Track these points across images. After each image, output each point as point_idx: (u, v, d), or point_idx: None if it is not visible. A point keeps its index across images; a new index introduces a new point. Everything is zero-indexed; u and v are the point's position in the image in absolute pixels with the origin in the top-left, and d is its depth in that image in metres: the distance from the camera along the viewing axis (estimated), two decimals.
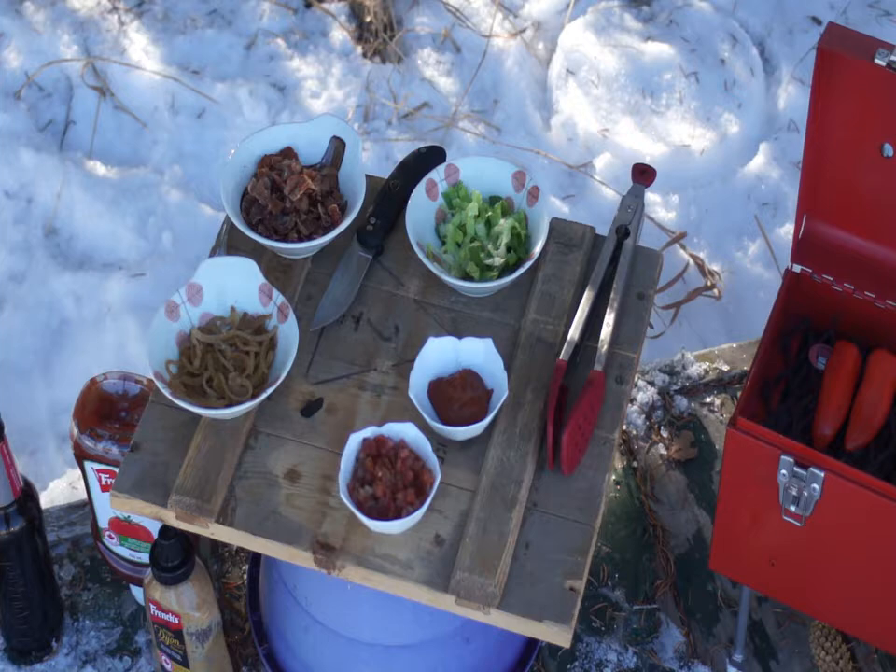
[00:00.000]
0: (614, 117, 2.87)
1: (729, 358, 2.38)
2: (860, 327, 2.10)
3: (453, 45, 2.98)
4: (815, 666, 2.06)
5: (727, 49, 2.99)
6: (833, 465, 1.84)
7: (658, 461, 2.26)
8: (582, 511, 1.87)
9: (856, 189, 2.05)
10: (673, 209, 2.75)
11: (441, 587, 1.79)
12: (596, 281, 2.11)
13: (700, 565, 2.15)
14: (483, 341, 1.98)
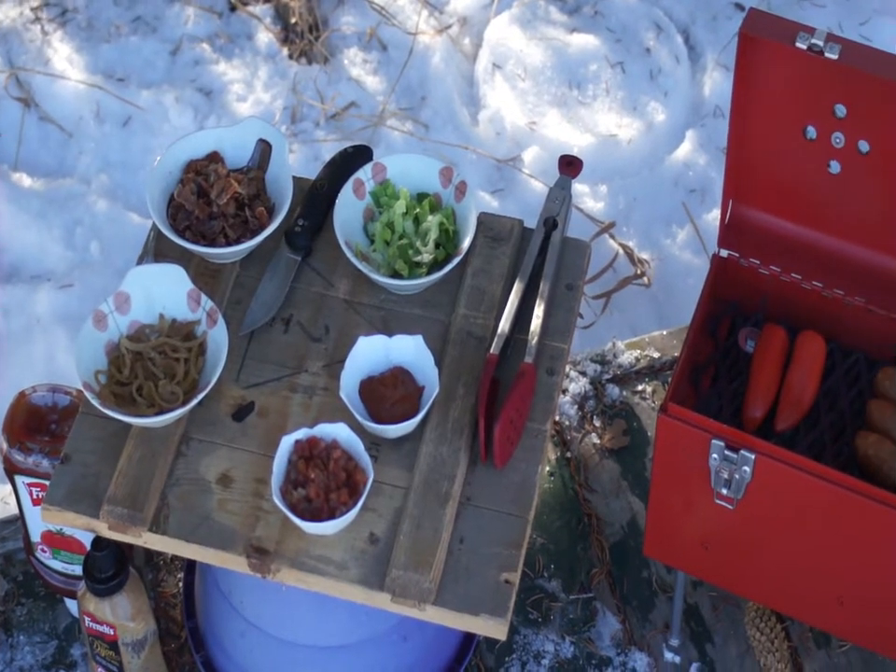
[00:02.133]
0: (541, 109, 2.88)
1: (660, 345, 2.39)
2: (787, 309, 2.12)
3: (379, 43, 2.98)
4: (750, 648, 2.08)
5: (652, 37, 3.01)
6: (763, 447, 1.86)
7: (591, 450, 2.27)
8: (516, 503, 1.87)
9: (781, 172, 2.06)
10: (602, 199, 2.76)
11: (377, 586, 1.80)
12: (525, 273, 2.12)
13: (635, 552, 2.16)
14: (413, 338, 1.98)
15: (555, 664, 2.07)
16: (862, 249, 2.07)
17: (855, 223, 2.06)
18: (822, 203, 2.07)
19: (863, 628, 1.91)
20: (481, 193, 2.73)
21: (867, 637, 1.94)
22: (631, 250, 2.62)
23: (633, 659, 2.09)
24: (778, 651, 2.06)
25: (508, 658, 2.07)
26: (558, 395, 2.01)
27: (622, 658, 2.08)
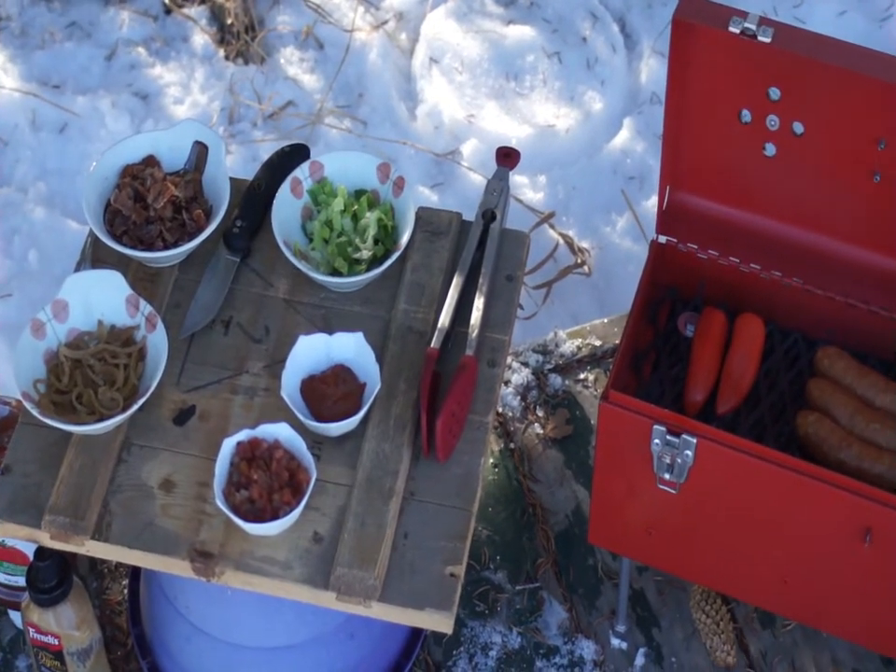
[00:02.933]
0: (479, 102, 2.88)
1: (601, 333, 2.40)
2: (726, 292, 2.13)
3: (315, 42, 2.97)
4: (696, 630, 2.09)
5: (588, 27, 3.01)
6: (704, 430, 1.87)
7: (535, 441, 2.28)
8: (460, 496, 1.88)
9: (717, 156, 2.07)
10: (541, 189, 2.76)
11: (322, 584, 1.80)
12: (465, 267, 2.12)
13: (580, 540, 2.17)
14: (353, 335, 1.98)
15: (503, 655, 2.08)
16: (799, 230, 2.08)
17: (791, 204, 2.07)
18: (758, 185, 2.08)
19: (807, 607, 1.93)
20: (420, 188, 2.73)
21: (811, 615, 1.95)
22: (571, 239, 2.63)
23: (580, 647, 2.09)
24: (724, 632, 2.08)
25: (455, 651, 2.08)
26: (499, 386, 2.02)
27: (569, 646, 2.09)
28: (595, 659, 2.07)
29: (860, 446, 1.95)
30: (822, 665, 2.07)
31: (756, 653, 2.08)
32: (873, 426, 1.97)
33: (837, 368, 2.04)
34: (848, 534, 1.81)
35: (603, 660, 2.07)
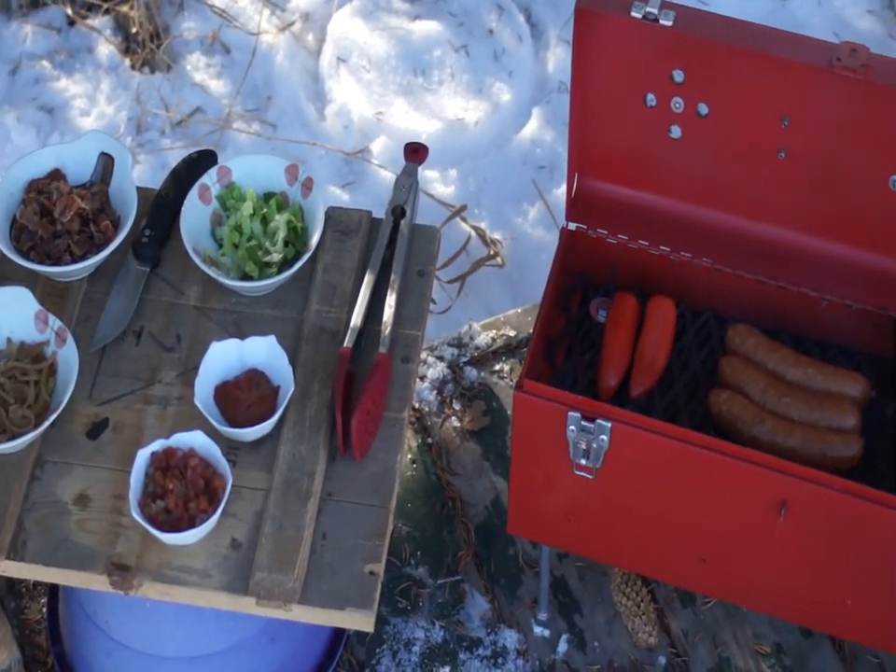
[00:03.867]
0: (388, 99, 2.88)
1: (515, 324, 2.41)
2: (637, 276, 2.14)
3: (222, 46, 2.96)
4: (618, 613, 2.10)
5: (494, 19, 3.02)
6: (618, 414, 1.88)
7: (452, 434, 2.28)
8: (377, 494, 1.88)
9: (623, 141, 2.08)
10: (452, 183, 2.77)
11: (241, 590, 1.79)
12: (376, 264, 2.12)
13: (500, 531, 2.18)
14: (265, 339, 1.98)
15: (426, 650, 2.08)
16: (707, 210, 2.10)
17: (698, 185, 2.09)
18: (665, 168, 2.09)
19: (726, 583, 1.94)
20: (331, 188, 2.72)
21: (730, 591, 1.97)
22: (483, 232, 2.63)
23: (503, 637, 2.10)
24: (645, 613, 2.09)
25: (378, 649, 2.08)
26: (414, 382, 2.02)
27: (492, 637, 2.10)
28: (518, 648, 2.08)
29: (772, 421, 1.96)
30: (743, 640, 2.09)
31: (677, 632, 2.09)
32: (785, 400, 1.99)
33: (748, 345, 2.05)
34: (764, 508, 1.83)
35: (526, 649, 2.07)
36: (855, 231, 2.06)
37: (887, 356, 2.07)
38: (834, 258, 2.07)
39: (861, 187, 2.02)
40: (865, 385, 2.01)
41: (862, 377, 2.01)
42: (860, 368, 2.06)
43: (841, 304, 2.07)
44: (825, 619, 1.91)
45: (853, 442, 1.94)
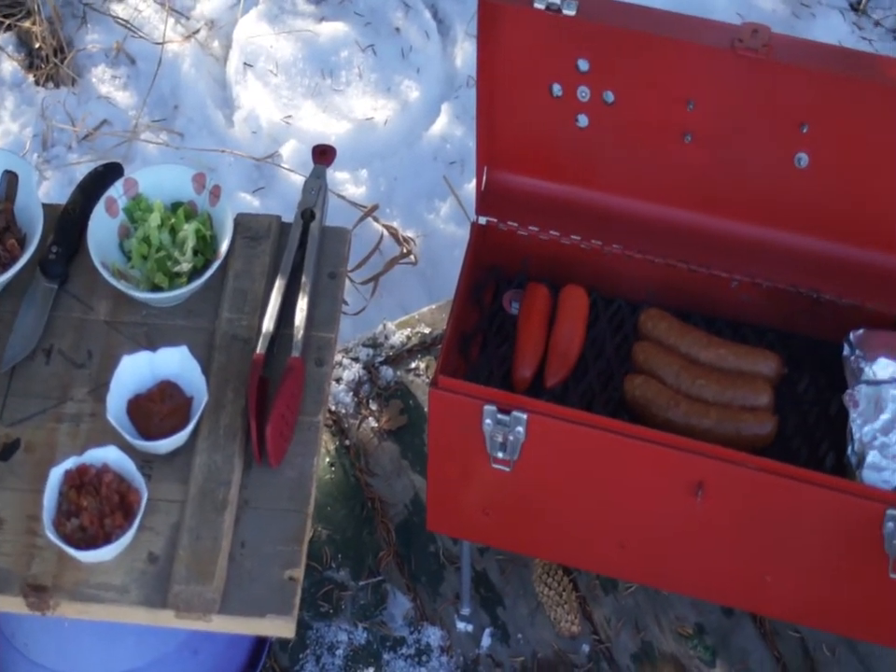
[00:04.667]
0: (296, 103, 2.87)
1: (430, 321, 2.40)
2: (549, 266, 2.15)
3: (127, 58, 2.93)
4: (540, 604, 2.11)
5: (401, 17, 3.01)
6: (533, 405, 1.88)
7: (370, 435, 2.28)
8: (294, 499, 1.87)
9: (531, 132, 2.09)
10: (363, 183, 2.76)
11: (159, 604, 1.78)
12: (287, 268, 2.12)
13: (420, 529, 2.18)
14: (177, 349, 1.97)
15: (350, 652, 2.07)
16: (616, 198, 2.10)
17: (607, 173, 2.10)
18: (574, 157, 2.10)
19: (646, 567, 1.95)
20: (242, 194, 2.71)
21: (650, 575, 1.97)
22: (396, 230, 2.63)
23: (426, 635, 2.10)
24: (567, 602, 2.09)
25: (302, 655, 2.07)
26: (329, 385, 2.01)
27: (415, 636, 2.09)
28: (442, 645, 2.08)
29: (687, 404, 1.97)
30: (665, 623, 2.10)
31: (600, 620, 2.10)
32: (698, 382, 2.00)
33: (660, 329, 2.06)
34: (681, 491, 1.84)
35: (449, 645, 2.07)
36: (762, 210, 2.07)
37: (798, 332, 2.09)
38: (743, 238, 2.09)
39: (766, 166, 2.04)
40: (777, 362, 2.02)
41: (774, 355, 2.03)
42: (772, 346, 2.07)
43: (751, 284, 2.09)
44: (745, 597, 1.92)
45: (767, 420, 1.95)
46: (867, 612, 1.86)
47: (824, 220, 2.05)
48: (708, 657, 2.08)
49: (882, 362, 1.96)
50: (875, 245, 2.04)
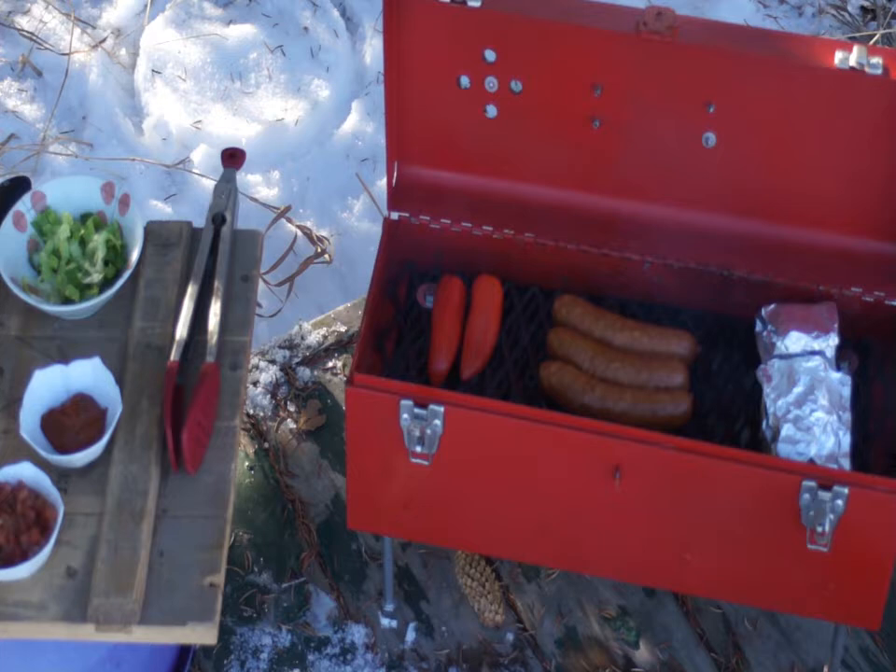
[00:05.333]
0: (206, 107, 2.86)
1: (346, 319, 2.40)
2: (463, 258, 2.15)
3: (33, 70, 2.90)
4: (464, 596, 2.11)
5: (309, 16, 3.01)
6: (449, 397, 1.88)
7: (289, 436, 2.27)
8: (212, 504, 1.87)
9: (440, 125, 2.09)
10: (276, 185, 2.75)
11: (79, 619, 1.77)
12: (199, 274, 2.11)
13: (341, 528, 2.17)
14: (90, 361, 1.96)
15: (274, 655, 2.07)
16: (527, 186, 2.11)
17: (516, 162, 2.10)
18: (484, 148, 2.10)
19: (567, 553, 1.96)
20: (154, 202, 2.70)
21: (572, 560, 1.98)
22: (309, 230, 2.62)
23: (350, 633, 2.09)
24: (490, 592, 2.10)
25: (226, 660, 2.06)
26: (244, 388, 2.00)
27: (339, 635, 2.09)
28: (367, 642, 2.07)
29: (602, 388, 1.98)
30: (589, 607, 2.11)
31: (524, 607, 2.11)
32: (613, 365, 2.00)
33: (574, 314, 2.07)
34: (599, 475, 1.84)
35: (374, 642, 2.07)
36: (672, 191, 2.08)
37: (711, 310, 2.10)
38: (654, 219, 2.10)
39: (675, 147, 2.05)
40: (691, 342, 2.03)
41: (688, 334, 2.04)
42: (685, 325, 2.08)
43: (663, 265, 2.10)
44: (667, 576, 1.93)
45: (682, 400, 1.96)
46: (786, 585, 1.87)
47: (733, 198, 2.07)
48: (632, 638, 2.09)
49: (794, 336, 1.98)
50: (783, 221, 2.06)
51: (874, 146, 1.95)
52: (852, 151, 1.97)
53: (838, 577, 1.84)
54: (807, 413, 1.90)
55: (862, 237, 2.04)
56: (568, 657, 2.08)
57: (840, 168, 1.99)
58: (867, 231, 2.03)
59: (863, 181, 1.99)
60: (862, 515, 1.78)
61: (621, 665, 2.06)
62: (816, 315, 2.00)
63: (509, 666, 2.06)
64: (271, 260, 2.53)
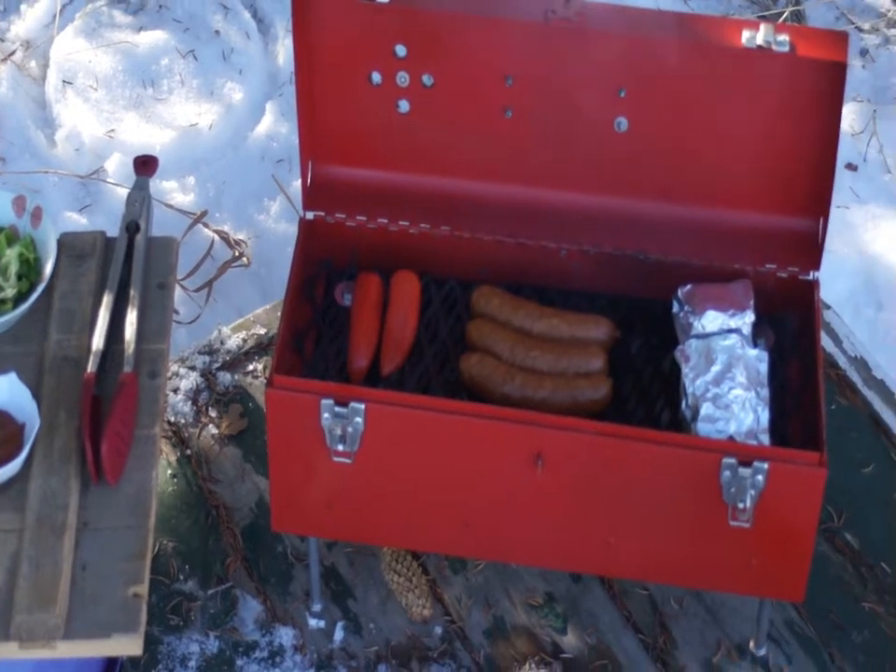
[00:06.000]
0: (118, 116, 2.84)
1: (265, 321, 2.39)
2: (380, 254, 2.14)
3: None
4: (391, 592, 2.11)
5: (220, 19, 3.00)
6: (370, 394, 1.87)
7: (211, 442, 2.26)
8: (134, 515, 1.85)
9: (353, 123, 2.09)
10: (191, 191, 2.74)
11: (2, 636, 1.75)
12: (114, 284, 2.10)
13: (267, 531, 2.16)
14: (5, 377, 1.95)
15: (202, 662, 2.05)
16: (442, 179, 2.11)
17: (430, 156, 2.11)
18: (398, 143, 2.10)
19: (492, 543, 1.95)
20: (68, 213, 2.68)
21: (497, 550, 1.98)
22: (226, 234, 2.62)
23: (278, 636, 2.08)
24: (417, 587, 2.10)
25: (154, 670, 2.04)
26: (164, 396, 1.99)
27: (267, 638, 2.08)
28: (295, 644, 2.06)
29: (522, 376, 1.98)
30: (516, 596, 2.12)
31: (451, 600, 2.11)
32: (532, 354, 2.01)
33: (493, 305, 2.07)
34: (521, 463, 1.84)
35: (302, 643, 2.06)
36: (586, 177, 2.09)
37: (628, 294, 2.11)
38: (569, 206, 2.10)
39: (588, 133, 2.06)
40: (609, 326, 2.04)
41: (605, 319, 2.04)
42: (603, 311, 2.09)
43: (579, 251, 2.10)
44: (592, 561, 1.94)
45: (601, 384, 1.96)
46: (710, 562, 1.88)
47: (646, 181, 2.08)
48: (560, 624, 2.10)
49: (710, 315, 1.99)
50: (696, 201, 2.07)
51: (783, 123, 1.97)
52: (762, 129, 1.99)
53: (761, 552, 1.85)
54: (726, 390, 1.91)
55: (775, 214, 2.06)
56: (497, 647, 2.08)
57: (751, 146, 2.01)
58: (779, 208, 2.05)
59: (774, 158, 2.01)
60: (783, 489, 1.79)
61: (549, 651, 2.07)
62: (731, 293, 2.01)
63: (438, 660, 2.06)
64: (188, 266, 2.52)
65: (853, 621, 2.12)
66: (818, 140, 1.96)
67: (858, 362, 2.41)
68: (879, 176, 2.85)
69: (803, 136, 1.97)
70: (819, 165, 1.97)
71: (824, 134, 1.94)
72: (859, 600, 2.14)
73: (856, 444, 2.29)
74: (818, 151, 1.97)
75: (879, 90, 2.98)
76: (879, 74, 3.01)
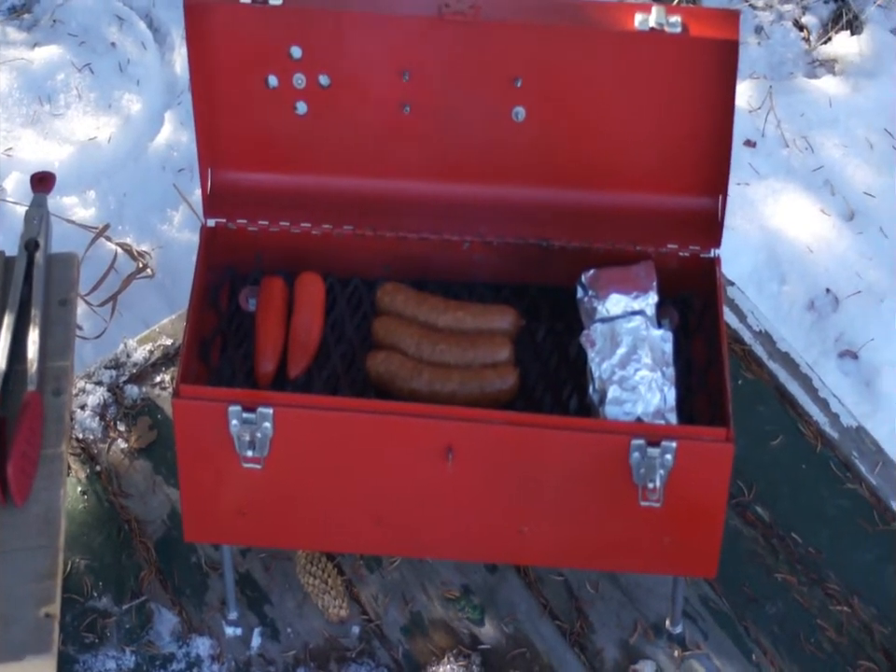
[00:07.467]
0: (15, 133, 2.81)
1: (171, 332, 2.37)
2: (285, 258, 2.13)
3: None
4: (307, 595, 2.10)
5: (115, 31, 2.98)
6: (277, 398, 1.86)
7: (121, 456, 2.24)
8: (43, 534, 1.84)
9: (251, 127, 2.08)
10: (92, 205, 2.72)
11: None
12: (14, 303, 2.08)
13: (180, 542, 2.14)
14: None
15: None
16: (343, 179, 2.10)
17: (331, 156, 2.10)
18: (297, 145, 2.09)
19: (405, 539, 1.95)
20: None
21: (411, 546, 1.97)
22: (129, 246, 2.60)
23: (195, 647, 2.07)
24: (333, 588, 2.09)
25: None
26: (69, 413, 1.97)
27: (184, 650, 2.06)
28: (213, 654, 2.05)
29: (430, 371, 1.98)
30: (432, 590, 2.12)
31: (368, 599, 2.10)
32: (439, 347, 2.00)
33: (397, 301, 2.06)
34: (431, 458, 1.84)
35: (220, 652, 2.05)
36: (486, 168, 2.09)
37: (533, 283, 2.11)
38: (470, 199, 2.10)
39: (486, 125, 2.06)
40: (514, 316, 2.04)
41: (510, 309, 2.04)
42: (508, 301, 2.09)
43: (482, 243, 2.10)
44: (506, 551, 1.94)
45: (508, 374, 1.96)
46: (624, 545, 1.89)
47: (545, 169, 2.08)
48: (477, 616, 2.10)
49: (614, 298, 1.99)
50: (596, 186, 2.08)
51: (679, 103, 1.98)
52: (658, 111, 2.00)
53: (673, 530, 1.85)
54: (632, 372, 1.91)
55: (674, 194, 2.07)
56: (415, 643, 2.07)
57: (648, 128, 2.02)
58: (678, 188, 2.06)
59: (671, 139, 2.02)
60: (691, 467, 1.80)
61: (467, 643, 2.06)
62: (634, 275, 2.02)
63: (356, 659, 2.05)
64: (92, 281, 2.50)
65: (767, 592, 2.13)
66: (714, 119, 1.97)
67: (762, 336, 2.43)
68: (778, 151, 2.88)
69: (699, 116, 1.98)
70: (716, 144, 1.98)
71: (720, 113, 1.95)
72: (771, 572, 2.15)
73: (763, 417, 2.31)
74: (714, 130, 1.98)
75: (775, 65, 3.01)
76: (774, 50, 3.04)
